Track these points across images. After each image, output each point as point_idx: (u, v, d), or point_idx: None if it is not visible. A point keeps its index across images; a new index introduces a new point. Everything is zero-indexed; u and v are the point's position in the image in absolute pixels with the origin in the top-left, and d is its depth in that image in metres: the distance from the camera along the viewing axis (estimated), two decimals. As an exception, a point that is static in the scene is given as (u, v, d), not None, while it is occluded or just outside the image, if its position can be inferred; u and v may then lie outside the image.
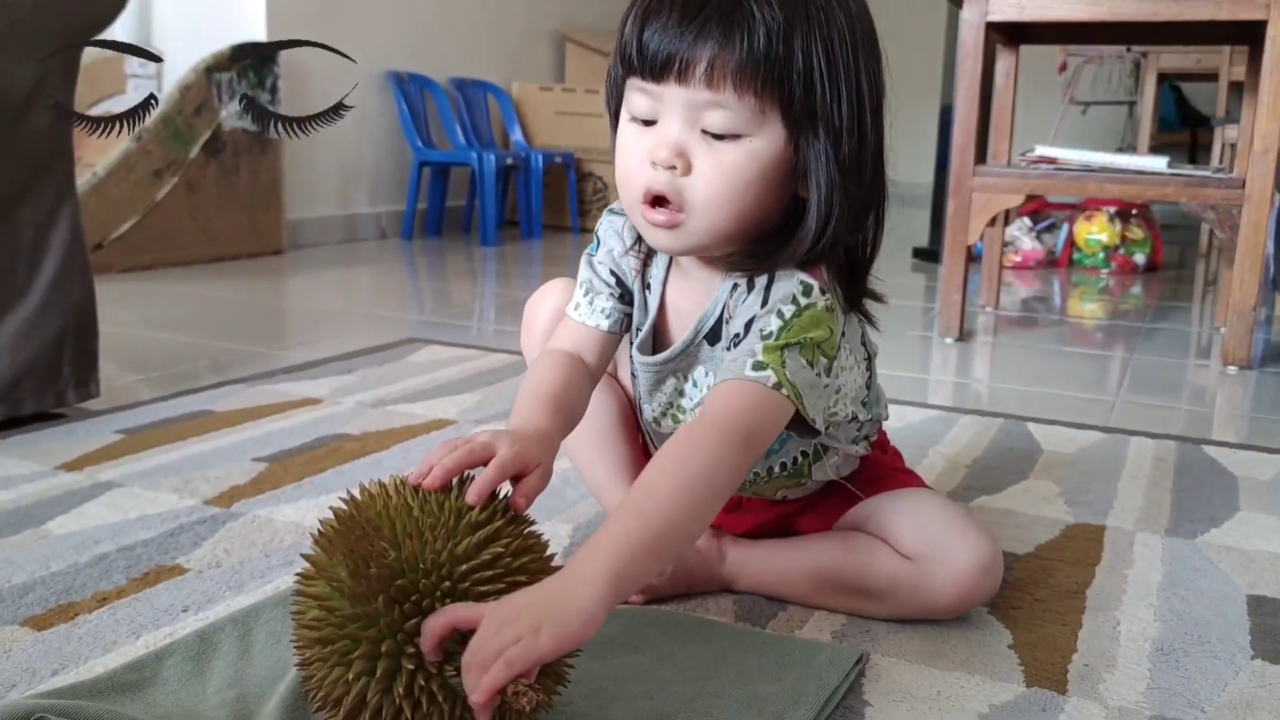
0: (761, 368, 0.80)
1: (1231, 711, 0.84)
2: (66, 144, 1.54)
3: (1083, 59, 5.07)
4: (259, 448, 1.43)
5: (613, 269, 0.95)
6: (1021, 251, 3.70)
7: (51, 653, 0.87)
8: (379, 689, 0.65)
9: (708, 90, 0.77)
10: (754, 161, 0.79)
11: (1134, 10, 2.11)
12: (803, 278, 0.84)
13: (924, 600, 0.94)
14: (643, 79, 0.80)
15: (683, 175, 0.80)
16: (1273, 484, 1.41)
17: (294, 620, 0.71)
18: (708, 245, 0.84)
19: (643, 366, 0.94)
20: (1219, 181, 2.15)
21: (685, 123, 0.79)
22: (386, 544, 0.68)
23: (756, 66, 0.76)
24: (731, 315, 0.87)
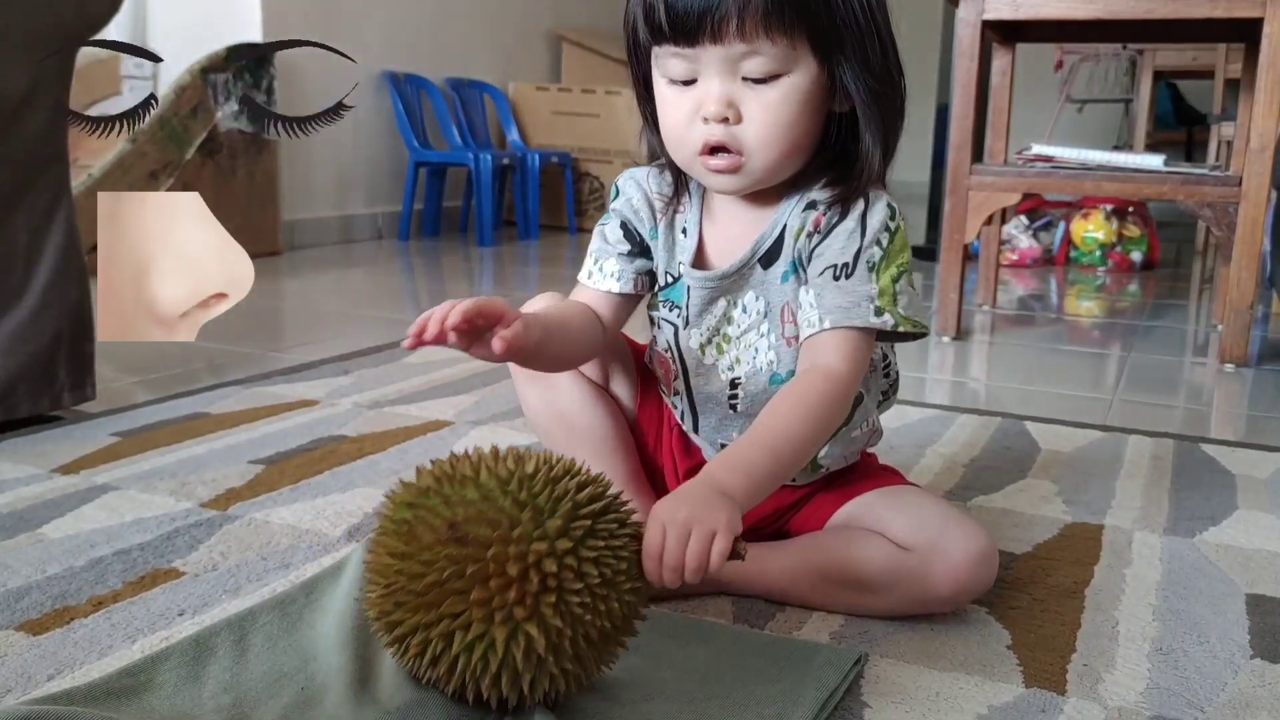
0: (880, 312, 0.87)
1: (1231, 711, 0.84)
2: (61, 147, 1.53)
3: (1079, 57, 5.07)
4: (255, 450, 1.43)
5: (625, 220, 0.98)
6: (1018, 250, 3.70)
7: (47, 657, 0.87)
8: None
9: (741, 42, 0.82)
10: (796, 95, 0.84)
11: (1130, 8, 2.11)
12: (889, 200, 0.89)
13: (921, 591, 0.94)
14: (676, 44, 0.84)
15: (735, 124, 0.85)
16: (1271, 482, 1.41)
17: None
18: (767, 180, 0.89)
19: (697, 282, 0.96)
20: (1215, 179, 2.15)
21: (725, 75, 0.84)
22: None
23: (782, 8, 0.81)
24: (819, 231, 0.89)
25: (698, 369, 0.99)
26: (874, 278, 0.87)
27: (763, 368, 0.96)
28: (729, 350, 0.97)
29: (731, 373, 0.97)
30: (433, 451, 1.44)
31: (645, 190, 0.98)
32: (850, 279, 0.87)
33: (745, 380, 0.97)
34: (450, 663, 0.72)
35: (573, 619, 0.70)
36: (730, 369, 0.97)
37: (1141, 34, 3.29)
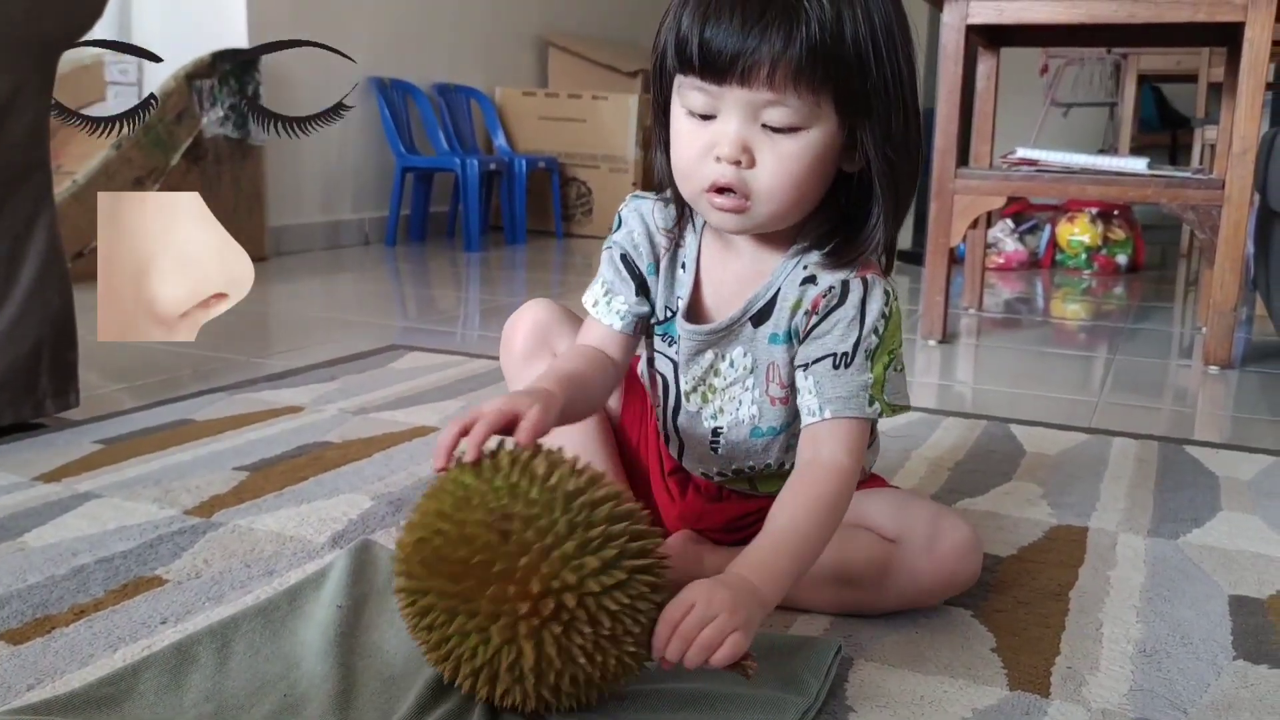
0: (872, 402, 0.89)
1: (1214, 712, 0.84)
2: (43, 154, 1.52)
3: (1064, 61, 5.09)
4: (240, 457, 1.42)
5: (625, 253, 0.98)
6: (1004, 253, 3.71)
7: (27, 667, 0.86)
8: None
9: (769, 90, 0.81)
10: (811, 150, 0.84)
11: (1112, 12, 2.12)
12: (885, 285, 0.91)
13: (910, 584, 0.95)
14: (703, 79, 0.83)
15: (747, 168, 0.84)
16: (1254, 484, 1.42)
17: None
18: (769, 226, 0.89)
19: (688, 334, 0.96)
20: (1199, 182, 2.16)
21: (746, 119, 0.83)
22: None
23: (815, 64, 0.80)
24: (817, 312, 0.90)
25: (685, 412, 1.00)
26: (869, 366, 0.89)
27: (744, 420, 0.97)
28: (714, 400, 0.98)
29: (714, 421, 0.99)
30: (419, 458, 1.44)
31: (648, 224, 0.97)
32: (849, 369, 0.89)
33: (727, 430, 0.98)
34: (442, 637, 0.72)
35: (568, 657, 0.71)
36: (714, 418, 0.99)
37: (1125, 38, 3.31)
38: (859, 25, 0.81)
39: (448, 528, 0.73)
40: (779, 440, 0.98)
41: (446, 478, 0.77)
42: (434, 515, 0.74)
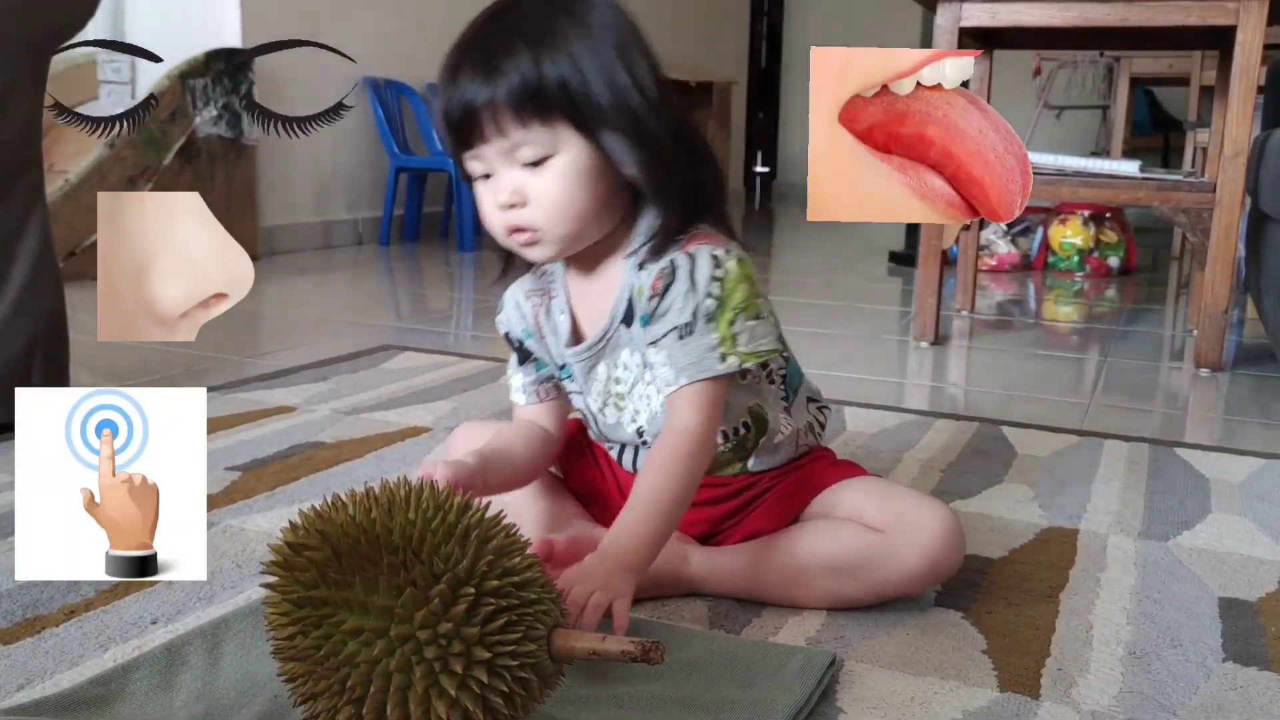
0: (724, 358, 0.94)
1: (1203, 714, 0.84)
2: (36, 153, 1.52)
3: (1057, 64, 5.10)
4: (232, 457, 1.42)
5: (507, 331, 1.09)
6: (996, 255, 3.72)
7: (16, 668, 0.86)
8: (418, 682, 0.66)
9: (503, 137, 0.91)
10: (569, 172, 0.93)
11: (1105, 16, 2.13)
12: (711, 250, 0.95)
13: (896, 571, 0.97)
14: (463, 148, 0.94)
15: (523, 206, 0.94)
16: (1245, 486, 1.42)
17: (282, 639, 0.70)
18: (570, 246, 0.97)
19: (573, 358, 1.05)
20: (1190, 185, 2.17)
21: (508, 164, 0.93)
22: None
23: (525, 101, 0.90)
24: (657, 294, 0.96)
25: (606, 426, 1.07)
26: (713, 328, 0.94)
27: (658, 412, 1.01)
28: (626, 405, 1.04)
29: (635, 423, 1.04)
30: (410, 457, 1.44)
31: (516, 298, 1.08)
32: (693, 335, 0.95)
33: (648, 426, 1.03)
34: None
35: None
36: (633, 420, 1.04)
37: (1117, 41, 3.32)
38: (560, 65, 0.90)
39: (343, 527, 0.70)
40: None
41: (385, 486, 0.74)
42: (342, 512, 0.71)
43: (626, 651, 0.71)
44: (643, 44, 0.95)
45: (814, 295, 3.14)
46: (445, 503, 0.72)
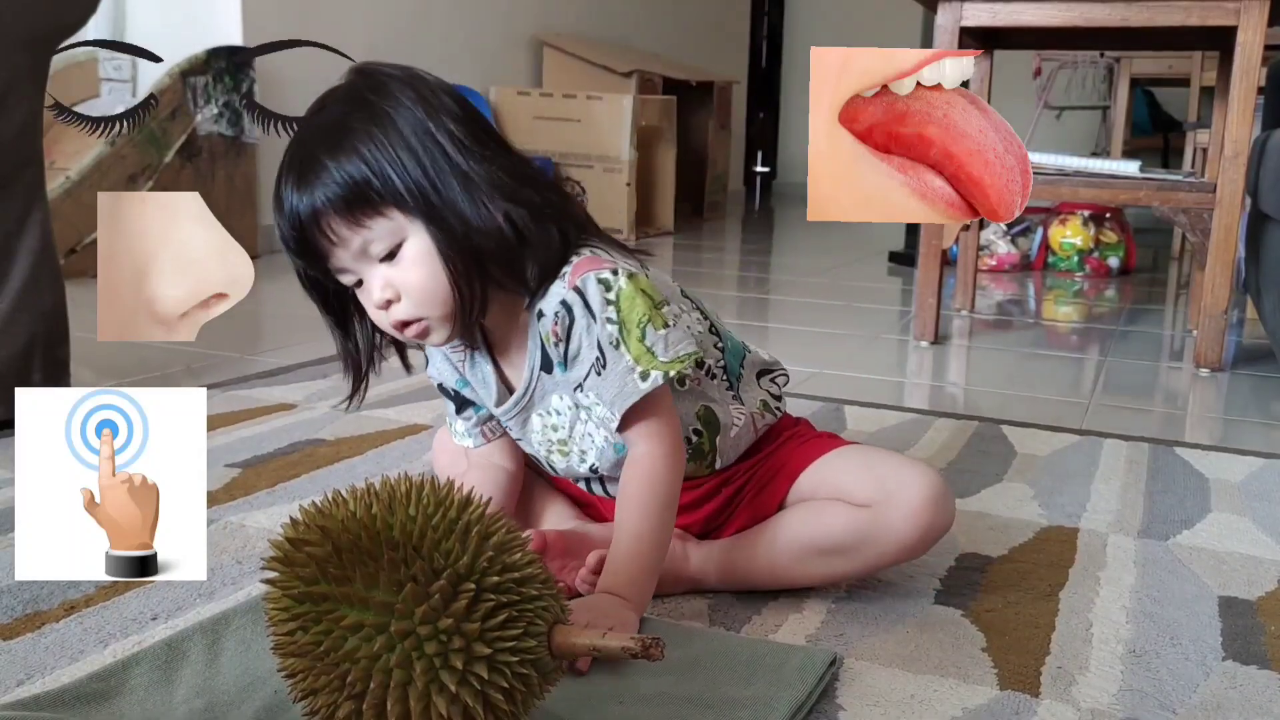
0: (646, 375, 0.93)
1: (1203, 713, 0.84)
2: (36, 150, 1.52)
3: (1057, 64, 5.10)
4: (232, 454, 1.42)
5: (440, 382, 1.08)
6: (996, 255, 3.72)
7: (17, 663, 0.86)
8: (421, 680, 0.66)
9: (343, 245, 0.90)
10: (420, 255, 0.91)
11: (1106, 16, 2.13)
12: (595, 274, 0.94)
13: (889, 542, 0.97)
14: (318, 265, 0.93)
15: (397, 301, 0.92)
16: (1244, 486, 1.42)
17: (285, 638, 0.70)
18: (462, 324, 0.95)
19: (503, 416, 1.04)
20: (1190, 186, 2.17)
21: (368, 265, 0.92)
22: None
23: (346, 204, 0.88)
24: (560, 338, 0.96)
25: (560, 470, 1.07)
26: (624, 351, 0.93)
27: (605, 447, 1.01)
28: (572, 449, 1.03)
29: (584, 463, 1.04)
30: (410, 455, 1.44)
31: (443, 351, 1.06)
32: (607, 366, 0.94)
33: (598, 462, 1.03)
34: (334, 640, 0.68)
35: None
36: (582, 461, 1.04)
37: (1118, 41, 3.32)
38: (355, 164, 0.88)
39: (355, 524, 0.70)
40: None
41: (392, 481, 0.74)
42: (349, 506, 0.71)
43: (627, 648, 0.71)
44: (445, 106, 0.94)
45: (814, 295, 3.14)
46: (446, 499, 0.72)
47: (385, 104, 0.91)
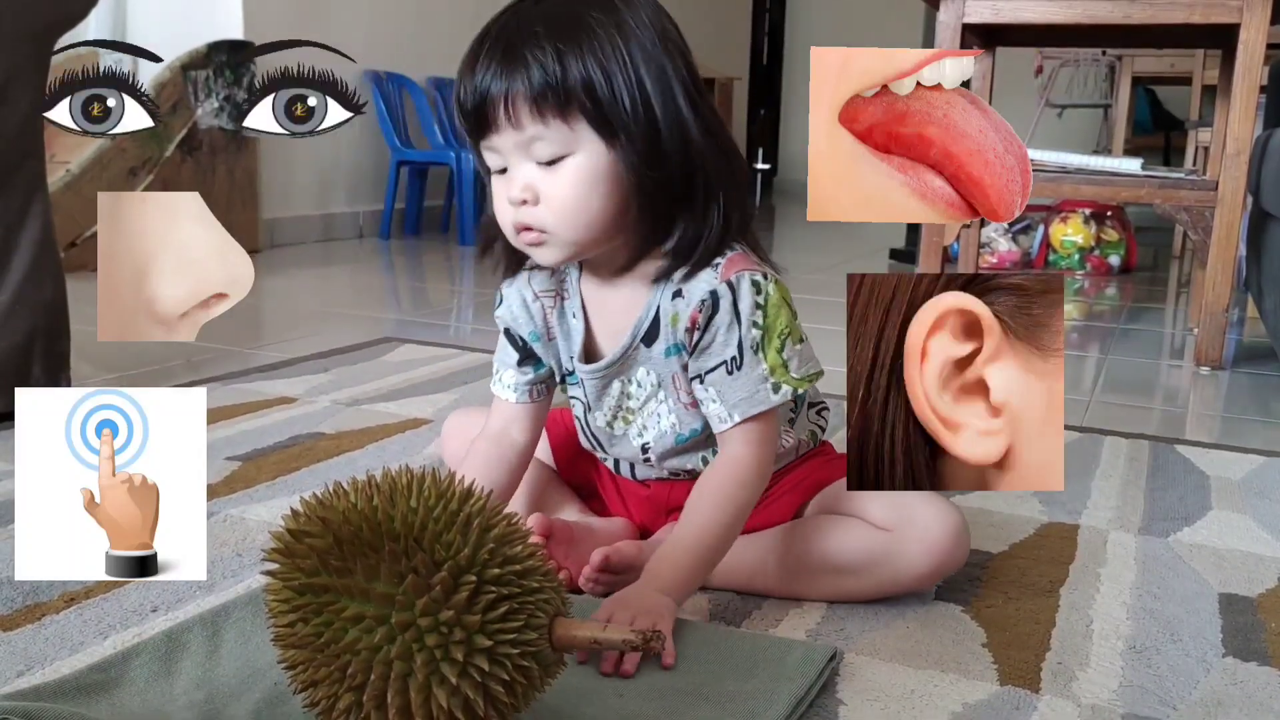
0: (778, 388, 0.93)
1: (1203, 709, 0.84)
2: (37, 143, 1.52)
3: (1058, 62, 5.09)
4: (232, 447, 1.42)
5: (508, 327, 1.05)
6: (997, 253, 3.72)
7: (17, 654, 0.86)
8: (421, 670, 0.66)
9: (517, 131, 0.87)
10: (582, 174, 0.88)
11: (1108, 13, 2.12)
12: (751, 276, 0.92)
13: (902, 570, 0.97)
14: (480, 136, 0.90)
15: (534, 205, 0.89)
16: (1245, 483, 1.42)
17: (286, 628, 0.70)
18: (580, 250, 0.93)
19: (588, 374, 1.01)
20: (1192, 184, 2.17)
21: (522, 160, 0.89)
22: None
23: (543, 96, 0.86)
24: (697, 327, 0.93)
25: (610, 441, 1.05)
26: (761, 358, 0.92)
27: (667, 431, 1.01)
28: (635, 420, 1.02)
29: (641, 439, 1.03)
30: (411, 449, 1.44)
31: (523, 295, 1.03)
32: (742, 369, 0.93)
33: (653, 444, 1.02)
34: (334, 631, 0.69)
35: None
36: (639, 435, 1.03)
37: (1120, 39, 3.32)
38: (586, 63, 0.86)
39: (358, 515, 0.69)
40: (701, 439, 1.01)
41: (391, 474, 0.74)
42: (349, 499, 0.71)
43: (627, 640, 0.71)
44: (681, 48, 0.91)
45: (815, 292, 3.13)
46: (447, 491, 0.72)
47: (628, 13, 0.88)
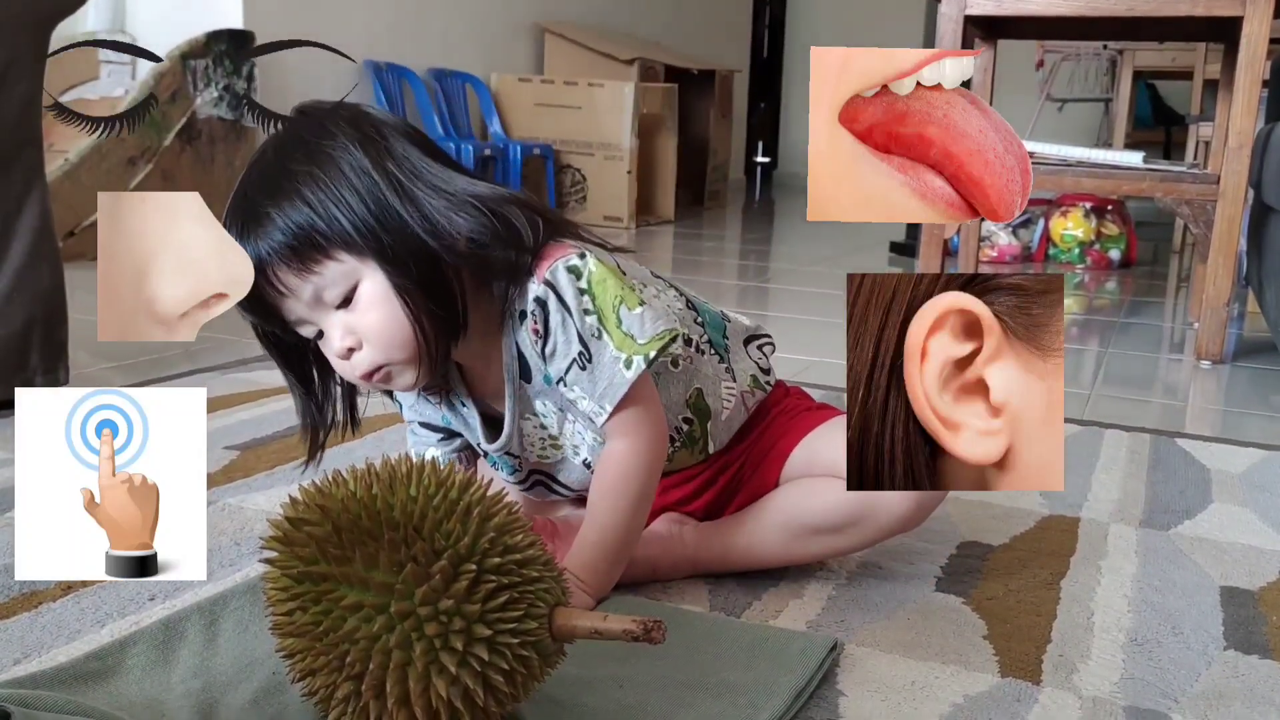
0: (629, 364, 0.91)
1: (1204, 701, 0.84)
2: (35, 131, 1.51)
3: (1060, 56, 5.09)
4: (231, 436, 1.41)
5: (421, 420, 1.06)
6: (998, 247, 3.72)
7: (14, 642, 0.86)
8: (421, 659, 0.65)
9: (295, 295, 0.87)
10: (377, 297, 0.87)
11: (1111, 5, 2.12)
12: (561, 262, 0.91)
13: (884, 514, 0.97)
14: (274, 320, 0.90)
15: (359, 349, 0.89)
16: (1245, 476, 1.42)
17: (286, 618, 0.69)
18: (427, 367, 0.91)
19: (498, 452, 1.02)
20: (1194, 177, 2.16)
21: (324, 314, 0.88)
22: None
23: (292, 249, 0.85)
24: (539, 335, 0.92)
25: (558, 471, 1.03)
26: (608, 341, 0.91)
27: (594, 443, 0.99)
28: (564, 444, 1.01)
29: (579, 457, 1.01)
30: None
31: (413, 397, 1.04)
32: (593, 360, 0.92)
33: (591, 457, 1.00)
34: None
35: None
36: (575, 454, 1.01)
37: (1122, 32, 3.31)
38: (301, 210, 0.85)
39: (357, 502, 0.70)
40: None
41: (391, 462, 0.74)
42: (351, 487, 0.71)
43: (628, 630, 0.70)
44: (389, 141, 0.89)
45: (815, 284, 3.13)
46: (447, 480, 0.71)
47: (324, 143, 0.87)
